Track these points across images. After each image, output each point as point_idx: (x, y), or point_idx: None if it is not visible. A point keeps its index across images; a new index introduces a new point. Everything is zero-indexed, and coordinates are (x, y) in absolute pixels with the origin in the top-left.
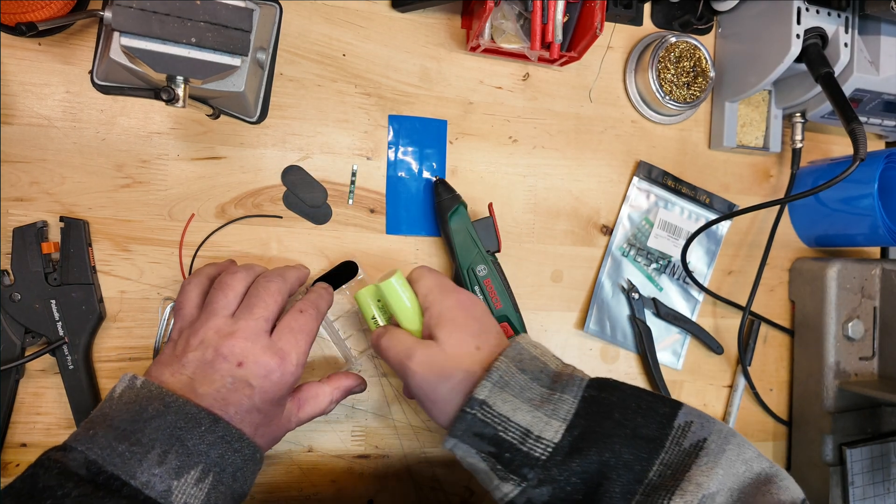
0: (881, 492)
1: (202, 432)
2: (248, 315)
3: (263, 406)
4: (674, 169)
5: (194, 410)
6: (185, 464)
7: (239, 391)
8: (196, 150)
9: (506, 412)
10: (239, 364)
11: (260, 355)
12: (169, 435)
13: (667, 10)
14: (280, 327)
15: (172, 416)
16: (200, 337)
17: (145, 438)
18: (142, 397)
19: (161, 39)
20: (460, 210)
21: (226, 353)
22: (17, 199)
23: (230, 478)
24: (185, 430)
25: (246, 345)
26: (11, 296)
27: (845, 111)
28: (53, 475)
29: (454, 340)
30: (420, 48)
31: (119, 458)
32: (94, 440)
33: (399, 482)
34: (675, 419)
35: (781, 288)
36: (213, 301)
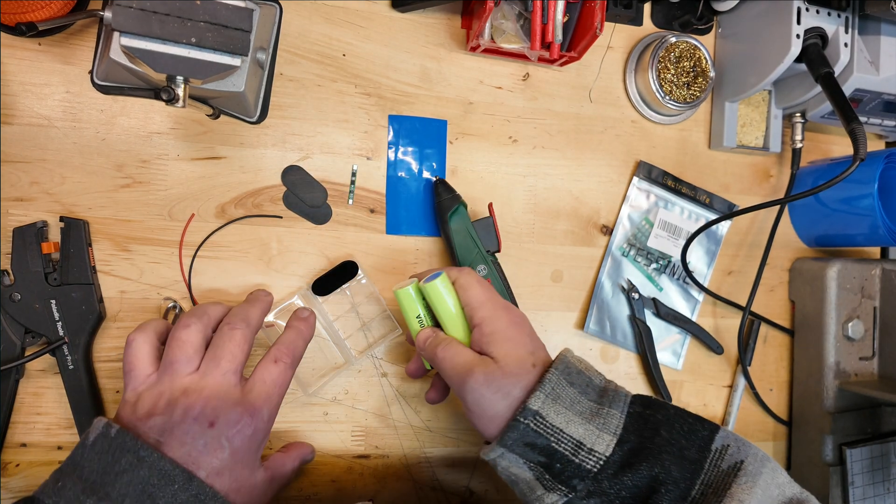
0: (881, 492)
1: (175, 490)
2: (214, 369)
3: (234, 467)
4: (674, 169)
5: (168, 467)
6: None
7: (210, 452)
8: (196, 150)
9: (559, 424)
10: (210, 424)
11: (230, 413)
12: (140, 491)
13: (667, 10)
14: (253, 380)
15: (146, 471)
16: (166, 398)
17: (115, 493)
18: (115, 447)
19: (161, 39)
20: (460, 210)
21: (196, 413)
22: (17, 199)
23: None
24: (157, 486)
25: (216, 403)
26: (11, 296)
27: (845, 111)
28: None
29: (512, 359)
30: (420, 48)
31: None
32: (62, 493)
33: (399, 482)
34: (713, 442)
35: (781, 288)
36: (173, 360)
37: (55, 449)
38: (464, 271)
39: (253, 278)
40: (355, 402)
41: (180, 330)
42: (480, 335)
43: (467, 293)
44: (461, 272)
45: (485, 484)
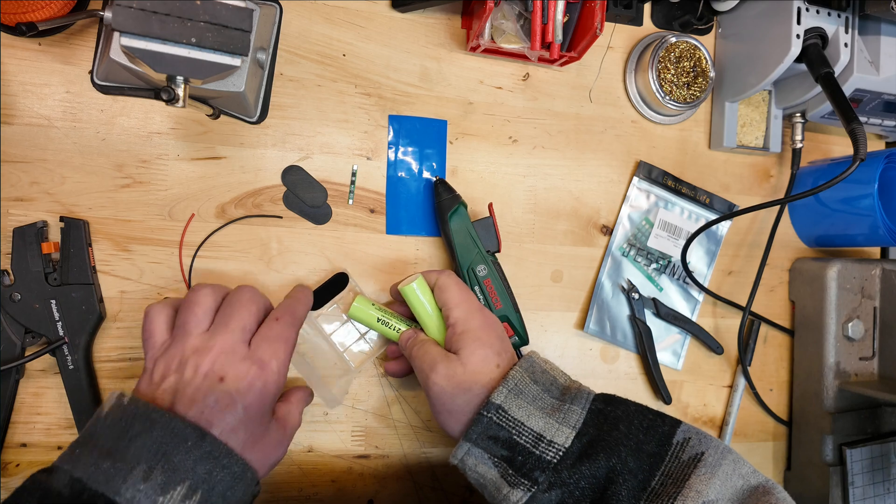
0: (881, 492)
1: (188, 448)
2: (223, 329)
3: (248, 421)
4: (674, 169)
5: (180, 426)
6: (170, 480)
7: (223, 408)
8: (196, 150)
9: (520, 417)
10: (220, 379)
11: (240, 367)
12: (154, 451)
13: (667, 10)
14: (256, 338)
15: (158, 432)
16: (178, 358)
17: (130, 455)
18: (128, 415)
19: (161, 39)
20: (460, 210)
21: (206, 370)
22: (17, 199)
23: (219, 497)
24: (170, 445)
25: (225, 359)
26: (11, 296)
27: (845, 111)
28: (35, 498)
29: (477, 357)
30: (420, 48)
31: (103, 476)
32: (79, 459)
33: (399, 482)
34: (674, 437)
35: (781, 288)
36: (185, 321)
37: (55, 449)
38: (443, 273)
39: (253, 278)
40: (355, 403)
41: (191, 294)
42: (452, 334)
43: (444, 294)
44: (441, 274)
45: None
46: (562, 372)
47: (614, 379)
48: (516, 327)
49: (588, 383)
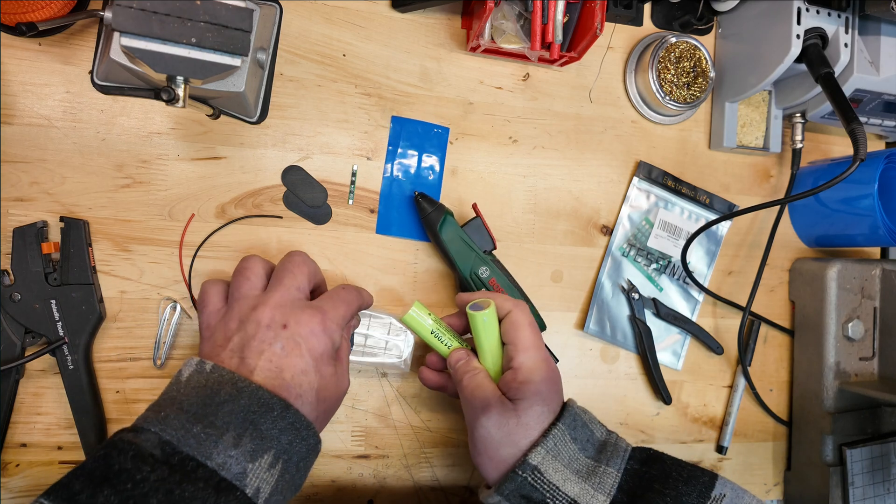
0: (881, 492)
1: (274, 417)
2: (278, 285)
3: (316, 365)
4: (674, 169)
5: (266, 396)
6: (259, 448)
7: (289, 354)
8: (196, 151)
9: (556, 481)
10: (283, 326)
11: (300, 314)
12: (242, 419)
13: (667, 10)
14: (321, 297)
15: (245, 400)
16: (238, 318)
17: (219, 421)
18: (212, 381)
19: (161, 39)
20: (448, 220)
21: (267, 321)
22: (17, 199)
23: (294, 467)
24: (258, 414)
25: (284, 309)
26: (11, 296)
27: (845, 111)
28: (128, 458)
29: (534, 413)
30: (420, 48)
31: (194, 439)
32: (167, 422)
33: (399, 482)
34: (714, 489)
35: (781, 288)
36: (238, 287)
37: (55, 449)
38: (518, 307)
39: None
40: (355, 403)
41: (241, 263)
42: (513, 379)
43: (515, 332)
44: (516, 306)
45: None
46: (599, 423)
47: (614, 379)
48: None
49: (588, 383)
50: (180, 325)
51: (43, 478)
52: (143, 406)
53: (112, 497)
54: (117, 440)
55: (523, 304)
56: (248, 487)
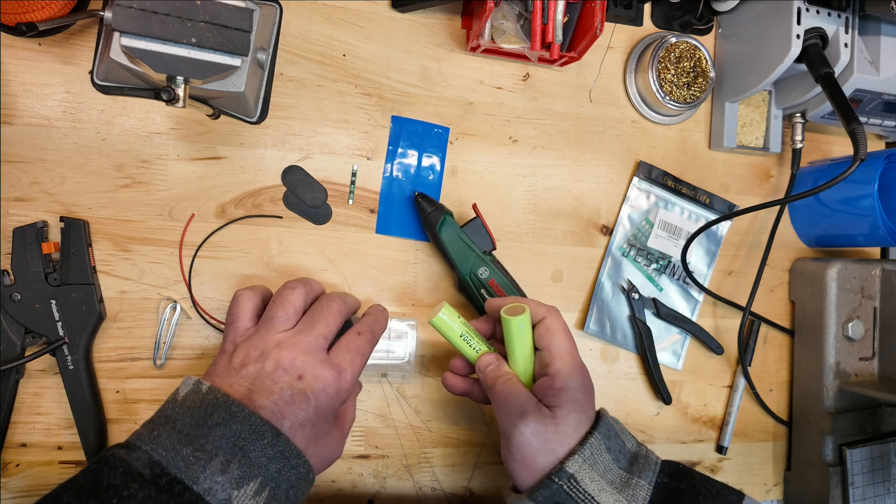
0: (881, 492)
1: (264, 445)
2: (309, 330)
3: (316, 420)
4: (674, 169)
5: (258, 423)
6: (245, 475)
7: (296, 404)
8: (196, 151)
9: (591, 491)
10: (299, 377)
11: (319, 369)
12: (233, 444)
13: (667, 10)
14: (338, 346)
15: (237, 425)
16: (260, 349)
17: (209, 445)
18: (206, 403)
19: (161, 39)
20: (448, 220)
21: (286, 365)
22: (17, 199)
23: (283, 495)
24: (248, 441)
25: (306, 359)
26: (11, 296)
27: (845, 111)
28: (118, 474)
29: (572, 420)
30: (420, 48)
31: (183, 462)
32: (159, 441)
33: (399, 482)
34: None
35: (781, 288)
36: (274, 315)
37: (55, 449)
38: (552, 312)
39: (253, 279)
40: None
41: (286, 290)
42: (549, 386)
43: (551, 338)
44: (549, 312)
45: (485, 484)
46: (629, 434)
47: (614, 379)
48: None
49: None
50: (180, 325)
51: (43, 478)
52: (142, 406)
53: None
54: (109, 456)
55: (556, 311)
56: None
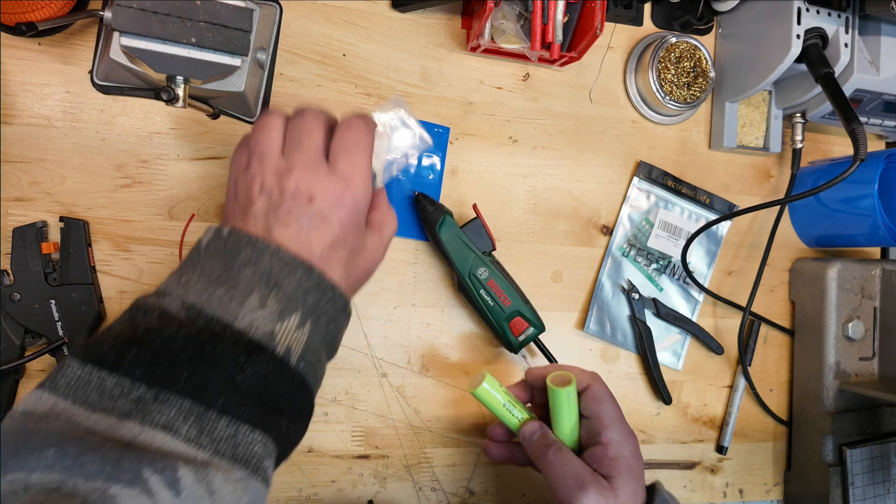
0: (881, 492)
1: (298, 278)
2: (297, 149)
3: (345, 237)
4: (674, 169)
5: (288, 257)
6: (285, 308)
7: (318, 228)
8: (196, 150)
9: None
10: (309, 199)
11: (324, 184)
12: (266, 280)
13: (667, 10)
14: (333, 150)
15: (267, 261)
16: (259, 182)
17: (242, 283)
18: (231, 245)
19: (161, 39)
20: (447, 220)
21: (291, 190)
22: (16, 199)
23: (324, 328)
24: (281, 275)
25: (308, 178)
26: (11, 296)
27: (845, 111)
28: (153, 317)
29: (629, 490)
30: (420, 48)
31: (218, 302)
32: (189, 286)
33: (399, 483)
34: None
35: (781, 288)
36: (257, 143)
37: None
38: (596, 379)
39: None
40: (355, 403)
41: (262, 118)
42: (603, 455)
43: (599, 406)
44: (594, 379)
45: (485, 484)
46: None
47: (614, 379)
48: (530, 318)
49: None
50: None
51: None
52: None
53: (141, 354)
54: (140, 304)
55: (599, 377)
56: (279, 347)
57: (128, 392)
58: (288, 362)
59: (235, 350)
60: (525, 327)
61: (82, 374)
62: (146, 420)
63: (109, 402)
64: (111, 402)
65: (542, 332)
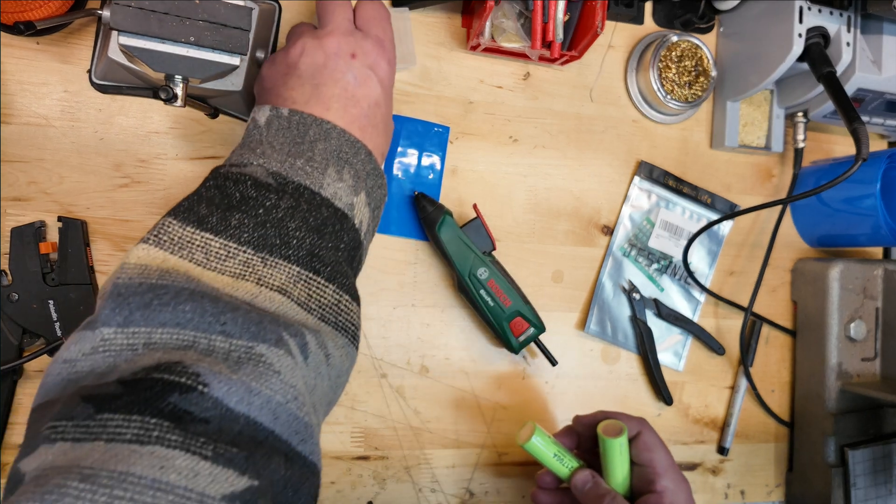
0: (883, 493)
1: (362, 159)
2: (331, 19)
3: (386, 96)
4: (675, 169)
5: (353, 139)
6: (357, 185)
7: (363, 85)
8: (195, 150)
9: None
10: (352, 55)
11: (363, 43)
12: (337, 157)
13: (668, 8)
14: (361, 21)
15: (335, 140)
16: (300, 47)
17: (317, 157)
18: (295, 124)
19: (160, 38)
20: (447, 220)
21: (334, 49)
22: (14, 199)
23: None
24: (349, 154)
25: (347, 38)
26: (9, 296)
27: (847, 111)
28: (248, 186)
29: None
30: (420, 47)
31: (301, 171)
32: (268, 156)
33: (399, 484)
34: None
35: (783, 288)
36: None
37: None
38: (645, 426)
39: None
40: (355, 403)
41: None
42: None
43: (651, 454)
44: (643, 426)
45: (485, 485)
46: None
47: (615, 380)
48: (530, 319)
49: (589, 384)
50: None
51: None
52: None
53: (246, 220)
54: (224, 173)
55: (647, 423)
56: (356, 219)
57: (233, 254)
58: (361, 235)
59: (332, 220)
60: (525, 328)
61: (184, 234)
62: (261, 282)
63: (217, 262)
64: (219, 263)
65: (542, 333)
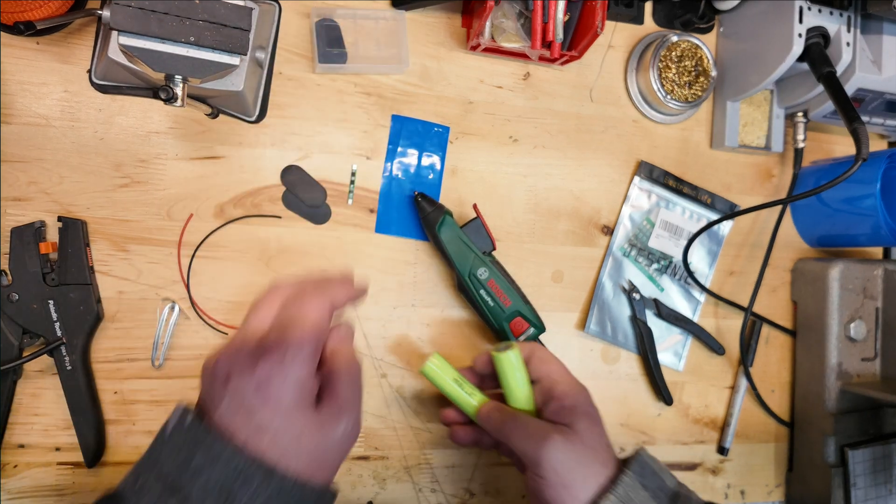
0: (883, 493)
1: (255, 488)
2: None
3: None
4: (675, 169)
5: (243, 464)
6: None
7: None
8: (195, 150)
9: None
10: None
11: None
12: (219, 490)
13: (668, 9)
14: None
15: (221, 469)
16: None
17: (195, 494)
18: (189, 442)
19: (160, 38)
20: (447, 220)
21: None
22: (14, 199)
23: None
24: (235, 485)
25: (223, 356)
26: (9, 296)
27: (847, 111)
28: None
29: (594, 433)
30: (420, 47)
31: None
32: (143, 493)
33: (398, 484)
34: None
35: (783, 288)
36: (245, 322)
37: (53, 450)
38: (536, 346)
39: (252, 279)
40: None
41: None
42: (560, 407)
43: (546, 366)
44: (534, 347)
45: (485, 486)
46: (669, 473)
47: (615, 380)
48: (530, 319)
49: (589, 384)
50: (178, 325)
51: (41, 479)
52: (141, 406)
53: None
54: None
55: (539, 345)
56: None
57: None
58: None
59: None
60: (525, 328)
61: None
62: None
63: None
64: None
65: (542, 333)
